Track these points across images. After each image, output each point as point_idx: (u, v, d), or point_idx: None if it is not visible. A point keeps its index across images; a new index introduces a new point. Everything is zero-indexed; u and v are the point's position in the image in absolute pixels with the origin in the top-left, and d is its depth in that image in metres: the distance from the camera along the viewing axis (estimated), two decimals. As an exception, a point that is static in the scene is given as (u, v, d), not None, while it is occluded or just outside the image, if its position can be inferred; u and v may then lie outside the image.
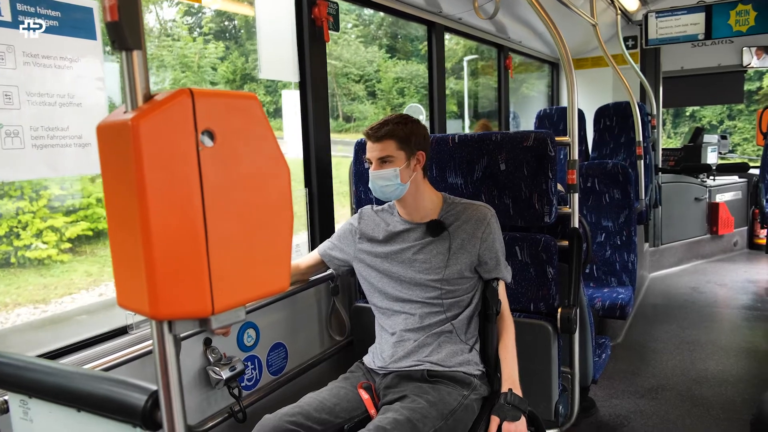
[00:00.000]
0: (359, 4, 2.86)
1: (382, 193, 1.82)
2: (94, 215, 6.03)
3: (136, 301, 0.74)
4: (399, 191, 1.80)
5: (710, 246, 6.01)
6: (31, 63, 1.39)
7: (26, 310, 5.02)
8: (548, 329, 1.98)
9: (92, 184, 6.08)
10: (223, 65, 11.26)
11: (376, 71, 14.14)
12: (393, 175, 1.76)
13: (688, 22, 5.00)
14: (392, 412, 1.60)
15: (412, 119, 1.81)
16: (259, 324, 1.98)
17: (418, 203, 1.85)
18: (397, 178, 1.77)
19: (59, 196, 5.93)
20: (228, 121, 0.75)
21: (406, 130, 1.77)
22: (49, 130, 1.43)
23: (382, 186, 1.79)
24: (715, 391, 3.12)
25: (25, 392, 1.01)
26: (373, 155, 1.79)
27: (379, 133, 1.77)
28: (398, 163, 1.77)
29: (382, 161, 1.77)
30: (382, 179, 1.78)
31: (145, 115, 0.69)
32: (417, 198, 1.84)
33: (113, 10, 0.72)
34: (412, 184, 1.81)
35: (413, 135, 1.78)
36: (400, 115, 1.81)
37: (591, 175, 3.37)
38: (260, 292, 0.80)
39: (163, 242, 0.70)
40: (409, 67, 14.80)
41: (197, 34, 9.68)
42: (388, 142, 1.77)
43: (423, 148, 1.81)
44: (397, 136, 1.76)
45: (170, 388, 0.77)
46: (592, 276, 3.47)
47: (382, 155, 1.77)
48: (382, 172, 1.77)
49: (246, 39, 10.84)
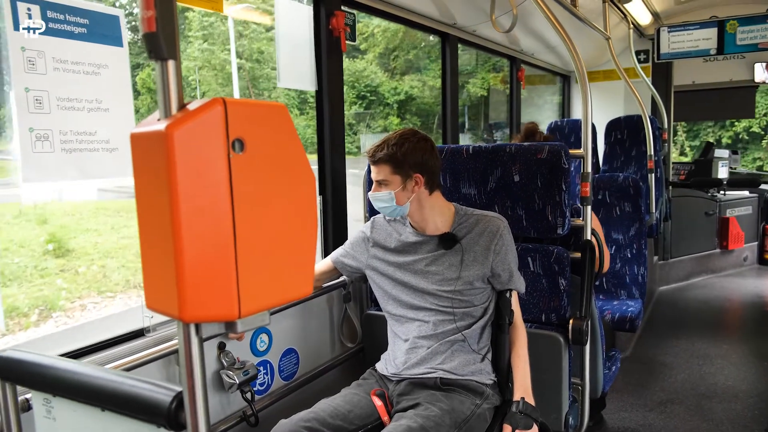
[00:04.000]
0: (376, 16, 2.89)
1: (383, 212, 1.87)
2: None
3: (165, 303, 0.76)
4: (398, 212, 1.82)
5: (720, 261, 5.98)
6: (61, 69, 1.42)
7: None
8: (559, 340, 1.99)
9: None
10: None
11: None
12: (388, 198, 1.78)
13: (701, 37, 5.00)
14: (406, 420, 1.61)
15: (411, 138, 1.78)
16: (272, 329, 2.00)
17: (427, 218, 1.86)
18: (393, 201, 1.78)
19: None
20: (258, 130, 0.77)
21: (401, 153, 1.75)
22: (77, 135, 1.47)
23: (380, 207, 1.83)
24: (725, 405, 3.10)
25: (48, 391, 1.04)
26: (373, 176, 1.82)
27: (375, 157, 1.78)
28: (393, 187, 1.77)
29: (379, 184, 1.80)
30: (379, 201, 1.81)
31: (179, 124, 0.71)
32: (424, 213, 1.85)
33: (151, 21, 0.75)
34: (414, 202, 1.81)
35: (408, 158, 1.75)
36: (400, 135, 1.79)
37: (602, 188, 3.38)
38: (285, 297, 0.82)
39: (193, 247, 0.72)
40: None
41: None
42: (382, 167, 1.77)
43: (421, 170, 1.77)
44: (392, 160, 1.76)
45: (195, 390, 0.79)
46: (602, 288, 3.47)
47: (378, 178, 1.79)
48: (377, 195, 1.80)
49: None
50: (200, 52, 14.00)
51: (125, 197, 8.18)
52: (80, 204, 8.46)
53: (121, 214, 8.40)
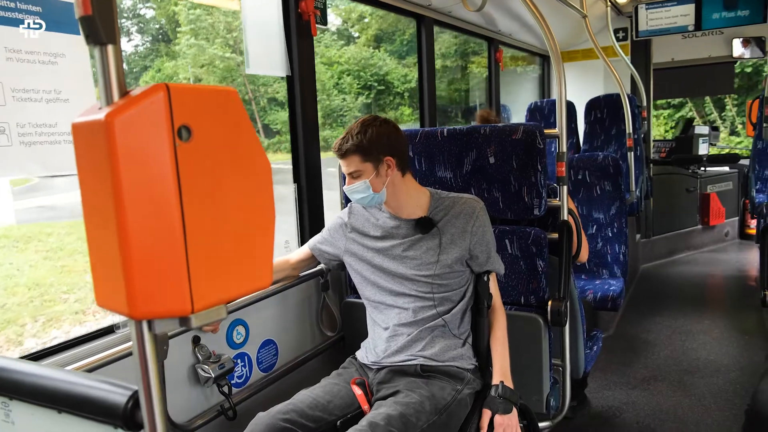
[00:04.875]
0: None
1: (361, 204, 1.85)
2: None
3: (114, 300, 0.73)
4: (377, 199, 1.79)
5: (702, 237, 6.04)
6: (14, 59, 1.37)
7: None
8: (539, 322, 1.98)
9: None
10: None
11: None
12: (364, 187, 1.76)
13: (678, 14, 5.00)
14: (385, 408, 1.59)
15: (373, 123, 1.76)
16: (249, 321, 1.97)
17: (402, 202, 1.84)
18: (369, 189, 1.76)
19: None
20: (205, 115, 0.74)
21: (367, 140, 1.73)
22: (36, 127, 1.42)
23: (358, 199, 1.80)
24: (708, 380, 3.14)
25: (6, 394, 1.00)
26: (344, 170, 1.79)
27: (342, 150, 1.76)
28: (366, 175, 1.75)
29: (352, 176, 1.77)
30: (355, 193, 1.78)
31: (119, 112, 0.68)
32: (399, 197, 1.83)
33: (86, 3, 0.70)
34: (389, 187, 1.79)
35: (375, 143, 1.73)
36: (361, 123, 1.77)
37: (582, 168, 3.37)
38: (241, 290, 0.79)
39: (140, 241, 0.69)
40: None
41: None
42: (351, 158, 1.75)
43: (390, 152, 1.76)
44: (359, 149, 1.73)
45: (151, 388, 0.76)
46: (584, 268, 3.48)
47: (349, 171, 1.77)
48: (353, 187, 1.77)
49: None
50: (188, 47, 13.51)
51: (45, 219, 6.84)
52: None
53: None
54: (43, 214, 7.11)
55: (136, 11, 13.27)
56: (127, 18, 12.57)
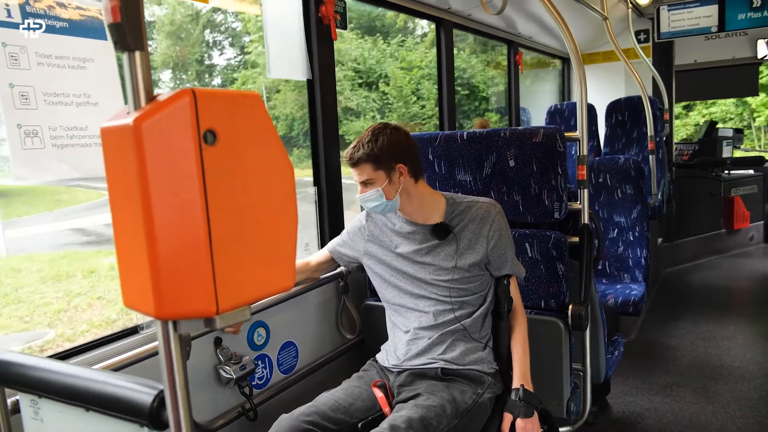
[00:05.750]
0: (367, 3, 2.85)
1: (375, 212, 1.85)
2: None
3: (141, 301, 0.74)
4: (390, 207, 1.79)
5: (725, 241, 5.94)
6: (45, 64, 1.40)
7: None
8: (559, 326, 1.97)
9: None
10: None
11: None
12: (377, 195, 1.75)
13: (702, 15, 4.93)
14: (406, 410, 1.60)
15: (383, 131, 1.75)
16: (270, 323, 1.98)
17: (416, 208, 1.84)
18: (382, 197, 1.75)
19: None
20: (230, 120, 0.75)
21: (377, 148, 1.72)
22: (67, 130, 1.45)
23: (371, 207, 1.80)
24: (732, 387, 3.08)
25: (35, 392, 1.02)
26: (356, 179, 1.79)
27: (353, 159, 1.75)
28: (379, 183, 1.75)
29: (364, 184, 1.77)
30: (369, 201, 1.78)
31: (147, 117, 0.69)
32: (413, 204, 1.82)
33: (115, 11, 0.72)
34: (402, 194, 1.78)
35: (386, 151, 1.73)
36: (372, 131, 1.76)
37: (603, 171, 3.34)
38: (265, 292, 0.80)
39: (166, 243, 0.70)
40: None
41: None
42: (363, 167, 1.75)
43: (402, 159, 1.75)
44: (371, 158, 1.73)
45: (176, 387, 0.77)
46: (605, 272, 3.45)
47: (362, 179, 1.77)
48: (366, 195, 1.77)
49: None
50: (256, 56, 12.62)
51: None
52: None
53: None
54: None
55: (227, 24, 13.21)
56: (219, 32, 12.57)
